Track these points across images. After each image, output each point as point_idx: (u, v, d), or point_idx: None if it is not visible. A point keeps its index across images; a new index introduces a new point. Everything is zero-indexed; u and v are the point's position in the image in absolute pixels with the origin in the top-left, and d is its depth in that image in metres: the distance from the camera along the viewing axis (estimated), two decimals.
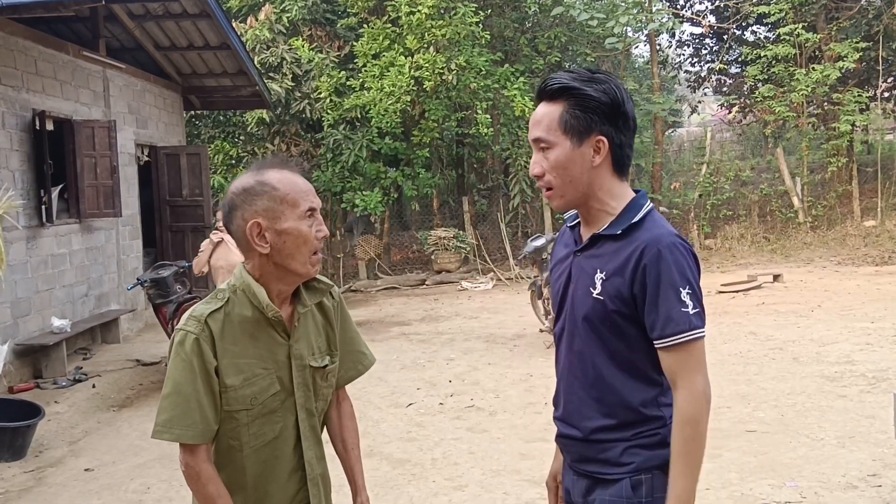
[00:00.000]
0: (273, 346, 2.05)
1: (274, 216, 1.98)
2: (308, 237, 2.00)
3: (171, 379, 1.98)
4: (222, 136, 16.38)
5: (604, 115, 1.91)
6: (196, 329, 1.98)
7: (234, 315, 2.02)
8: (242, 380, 2.01)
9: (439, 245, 15.00)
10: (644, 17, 15.77)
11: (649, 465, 1.93)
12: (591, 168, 1.94)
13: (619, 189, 1.98)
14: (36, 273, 8.23)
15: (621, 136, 1.94)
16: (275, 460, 2.09)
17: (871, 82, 17.73)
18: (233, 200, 2.03)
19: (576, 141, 1.92)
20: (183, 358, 1.97)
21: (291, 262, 2.01)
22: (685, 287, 1.86)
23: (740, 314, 9.78)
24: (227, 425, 2.03)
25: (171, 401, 1.97)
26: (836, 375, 6.83)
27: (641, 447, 1.94)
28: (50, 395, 7.24)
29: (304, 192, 2.02)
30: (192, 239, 11.80)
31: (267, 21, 15.35)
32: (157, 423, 1.99)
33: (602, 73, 1.97)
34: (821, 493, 4.46)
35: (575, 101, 1.92)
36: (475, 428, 6.04)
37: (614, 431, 1.96)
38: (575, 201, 1.99)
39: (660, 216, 1.97)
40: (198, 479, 2.00)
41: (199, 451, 2.00)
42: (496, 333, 9.65)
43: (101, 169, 9.22)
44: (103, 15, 10.02)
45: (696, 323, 1.86)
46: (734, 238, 15.85)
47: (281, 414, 2.08)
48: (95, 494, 5.14)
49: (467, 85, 14.63)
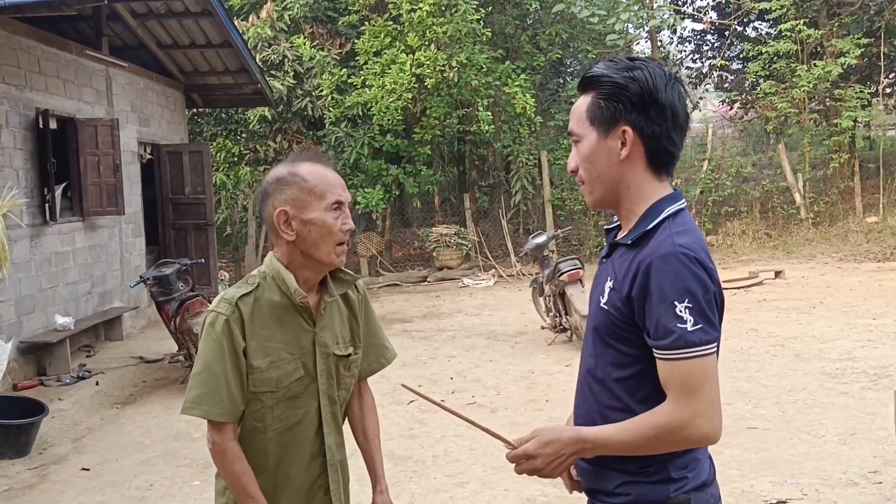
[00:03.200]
0: (299, 333, 2.14)
1: (301, 206, 2.07)
2: (332, 228, 2.08)
3: (202, 358, 2.06)
4: (224, 133, 16.40)
5: (630, 104, 1.76)
6: (227, 311, 2.07)
7: (263, 300, 2.11)
8: (269, 362, 2.09)
9: (441, 242, 15.01)
10: (645, 13, 15.76)
11: (647, 501, 1.78)
12: (620, 162, 1.79)
13: (651, 189, 1.82)
14: (40, 271, 8.26)
15: (654, 126, 1.76)
16: (296, 445, 2.16)
17: (873, 78, 17.69)
18: (266, 189, 2.13)
19: (602, 132, 1.79)
20: (213, 338, 2.05)
21: (316, 251, 2.09)
22: (683, 300, 1.67)
23: (742, 311, 9.79)
24: (252, 407, 2.10)
25: (201, 378, 2.05)
26: (838, 372, 6.84)
27: (642, 482, 1.79)
28: (54, 392, 7.27)
29: (332, 185, 2.11)
30: (195, 236, 11.84)
31: (268, 19, 15.37)
32: (186, 399, 2.07)
33: (644, 60, 1.81)
34: (821, 489, 4.47)
35: (602, 89, 1.79)
36: None
37: (615, 460, 1.81)
38: (606, 199, 1.86)
39: (683, 221, 1.79)
40: (224, 456, 2.07)
41: (226, 429, 2.07)
42: (497, 330, 9.67)
43: (104, 167, 9.25)
44: (106, 14, 10.03)
45: (693, 339, 1.67)
46: (736, 234, 15.84)
47: (304, 399, 2.15)
48: (99, 491, 5.17)
49: (468, 82, 14.63)
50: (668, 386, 1.72)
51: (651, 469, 1.79)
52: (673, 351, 1.69)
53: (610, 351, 1.83)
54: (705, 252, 1.75)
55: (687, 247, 1.72)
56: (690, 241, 1.74)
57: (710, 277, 1.73)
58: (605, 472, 1.84)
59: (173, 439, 6.15)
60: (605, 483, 1.85)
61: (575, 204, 15.85)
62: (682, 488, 1.77)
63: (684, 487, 1.78)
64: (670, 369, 1.70)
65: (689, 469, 1.80)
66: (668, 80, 1.79)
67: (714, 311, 1.73)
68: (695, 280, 1.69)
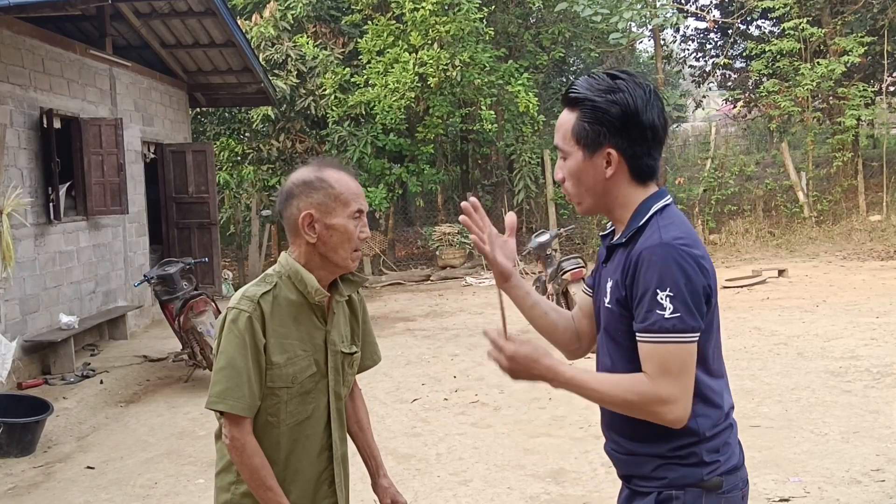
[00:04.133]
0: (312, 331, 2.23)
1: (326, 211, 2.17)
2: (352, 235, 2.19)
3: (225, 353, 2.13)
4: (228, 133, 16.42)
5: (613, 128, 1.87)
6: (249, 308, 2.14)
7: (281, 298, 2.19)
8: (286, 359, 2.18)
9: (444, 241, 15.03)
10: (648, 12, 15.74)
11: (683, 483, 1.86)
12: (606, 179, 1.91)
13: (637, 195, 1.94)
14: (44, 270, 8.28)
15: (636, 147, 1.89)
16: (306, 439, 2.24)
17: (877, 76, 17.68)
18: (291, 190, 2.21)
19: (588, 152, 1.90)
20: (236, 334, 2.13)
21: (334, 254, 2.19)
22: (665, 289, 1.76)
23: (745, 309, 9.79)
24: (267, 402, 2.18)
25: (226, 374, 2.12)
26: (841, 370, 6.84)
27: (677, 464, 1.87)
28: (58, 391, 7.29)
29: (355, 194, 2.21)
30: (199, 235, 11.86)
31: (272, 18, 15.39)
32: (211, 394, 2.13)
33: (625, 78, 1.91)
34: (825, 488, 4.48)
35: (586, 112, 1.90)
36: (480, 423, 6.07)
37: (646, 445, 1.91)
38: (595, 208, 1.99)
39: (670, 215, 1.90)
40: (243, 450, 2.13)
41: (245, 423, 2.14)
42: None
43: (107, 166, 9.26)
44: (109, 13, 10.06)
45: (667, 326, 1.76)
46: (739, 233, 15.83)
47: (314, 395, 2.24)
48: (103, 489, 5.19)
49: (471, 81, 14.64)
50: (646, 367, 1.81)
51: (683, 453, 1.87)
52: (648, 334, 1.79)
53: (622, 348, 1.91)
54: (694, 241, 1.85)
55: (674, 239, 1.82)
56: (678, 232, 1.84)
57: (698, 266, 1.81)
58: (640, 459, 1.92)
59: (177, 437, 6.17)
60: (640, 468, 1.93)
61: None
62: (714, 471, 1.86)
63: (717, 470, 1.87)
64: (647, 351, 1.81)
65: (720, 453, 1.88)
66: (648, 98, 1.89)
67: (700, 301, 1.80)
68: (679, 271, 1.78)
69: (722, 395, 1.93)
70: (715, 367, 1.92)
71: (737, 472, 1.92)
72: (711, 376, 1.90)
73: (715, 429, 1.89)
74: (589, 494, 4.63)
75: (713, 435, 1.88)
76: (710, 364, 1.90)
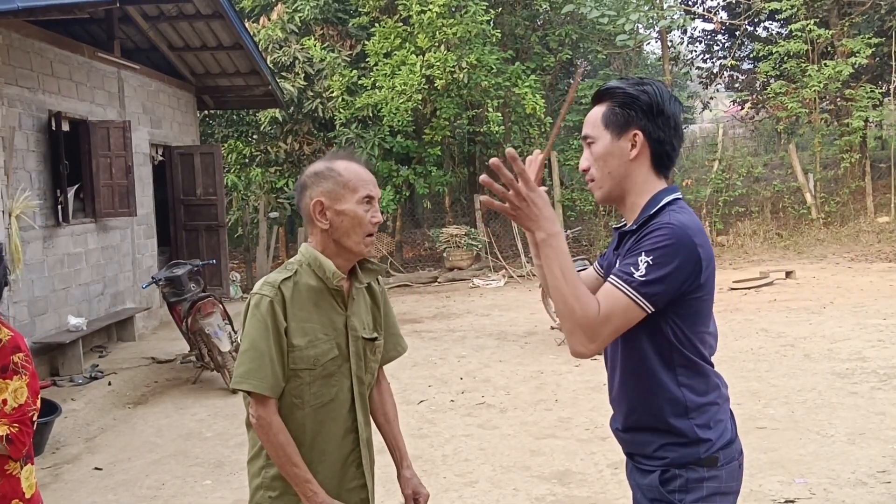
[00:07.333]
0: (333, 315, 2.32)
1: (335, 197, 2.27)
2: (363, 220, 2.27)
3: (248, 337, 2.24)
4: (235, 135, 16.47)
5: (642, 112, 2.01)
6: (271, 293, 2.24)
7: (301, 284, 2.28)
8: (307, 342, 2.26)
9: (451, 243, 15.04)
10: (655, 13, 15.75)
11: (683, 462, 1.98)
12: (629, 161, 2.04)
13: (652, 185, 2.06)
14: (52, 272, 8.33)
15: (660, 133, 2.03)
16: (331, 421, 2.32)
17: (884, 78, 17.63)
18: (304, 181, 2.33)
19: (615, 134, 2.03)
20: (259, 318, 2.22)
21: (347, 240, 2.28)
22: (650, 256, 1.88)
23: (752, 311, 9.78)
24: (291, 383, 2.26)
25: (249, 355, 2.22)
26: (847, 372, 6.83)
27: (675, 444, 2.00)
28: (66, 392, 7.32)
29: (364, 181, 2.30)
30: (206, 237, 11.90)
31: (279, 21, 15.44)
32: (235, 374, 2.24)
33: (651, 81, 2.07)
34: (830, 489, 4.48)
35: (617, 99, 2.05)
36: (486, 424, 6.08)
37: (648, 427, 2.04)
38: (613, 193, 2.08)
39: (681, 207, 2.02)
40: (269, 428, 2.22)
41: (270, 403, 2.23)
42: (507, 331, 9.69)
43: (116, 169, 9.31)
44: (118, 16, 10.10)
45: (631, 281, 1.87)
46: (746, 234, 15.81)
47: (337, 378, 2.32)
48: (111, 490, 5.22)
49: (478, 83, 14.66)
50: (599, 299, 1.90)
51: (681, 435, 2.00)
52: (616, 278, 1.90)
53: (642, 335, 1.99)
54: (699, 231, 1.95)
55: (680, 223, 1.93)
56: (686, 220, 1.96)
57: (694, 255, 1.91)
58: (643, 437, 2.05)
59: (185, 439, 6.20)
60: (644, 447, 2.05)
61: (585, 204, 15.86)
62: (710, 449, 1.99)
63: (712, 448, 2.00)
64: (607, 289, 1.90)
65: (712, 430, 2.01)
66: (671, 96, 2.07)
67: (676, 286, 1.89)
68: (672, 251, 1.89)
69: (708, 379, 2.05)
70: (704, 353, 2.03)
71: (731, 445, 2.05)
72: (703, 360, 2.03)
73: (703, 399, 2.01)
74: (595, 496, 4.63)
75: (702, 412, 2.01)
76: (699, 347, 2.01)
